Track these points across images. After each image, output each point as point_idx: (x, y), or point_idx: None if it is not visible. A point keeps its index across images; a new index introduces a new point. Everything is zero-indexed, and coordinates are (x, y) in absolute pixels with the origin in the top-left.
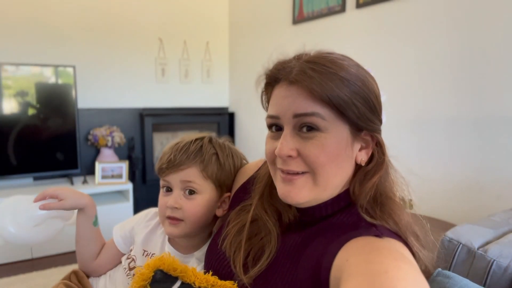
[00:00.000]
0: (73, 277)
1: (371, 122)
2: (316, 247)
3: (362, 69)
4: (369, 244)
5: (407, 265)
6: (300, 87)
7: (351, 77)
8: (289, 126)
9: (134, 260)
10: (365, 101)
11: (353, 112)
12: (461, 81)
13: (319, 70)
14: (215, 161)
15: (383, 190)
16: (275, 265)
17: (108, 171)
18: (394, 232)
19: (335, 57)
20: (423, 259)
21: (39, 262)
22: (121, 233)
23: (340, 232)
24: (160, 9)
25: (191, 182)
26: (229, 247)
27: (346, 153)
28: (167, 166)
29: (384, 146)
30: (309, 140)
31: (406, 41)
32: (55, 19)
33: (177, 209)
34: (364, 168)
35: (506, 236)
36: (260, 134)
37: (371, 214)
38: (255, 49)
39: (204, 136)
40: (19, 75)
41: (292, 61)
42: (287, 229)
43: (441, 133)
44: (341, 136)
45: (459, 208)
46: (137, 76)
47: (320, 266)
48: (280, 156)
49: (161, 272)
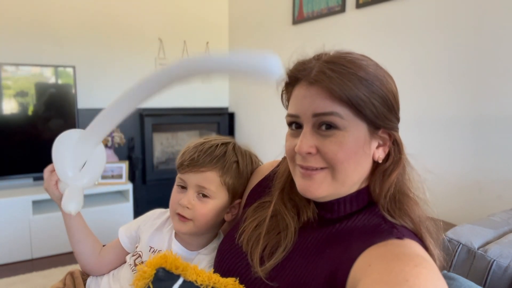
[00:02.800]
0: (68, 278)
1: (389, 121)
2: (337, 250)
3: (380, 68)
4: (390, 251)
5: (426, 270)
6: (320, 87)
7: (369, 77)
8: (308, 125)
9: (141, 256)
10: (383, 100)
11: (371, 111)
12: (460, 81)
13: (338, 71)
14: (235, 169)
15: (400, 187)
16: (290, 260)
17: (108, 171)
18: (412, 231)
19: (354, 57)
20: (436, 256)
21: (39, 262)
22: (126, 233)
23: (362, 235)
24: (160, 10)
25: (207, 189)
26: (246, 242)
27: (364, 150)
28: (189, 164)
29: (402, 144)
30: (328, 138)
31: (406, 41)
32: (55, 19)
33: (188, 208)
34: (382, 166)
35: (506, 236)
36: (260, 134)
37: (391, 213)
38: (255, 49)
39: (229, 141)
40: (19, 75)
41: (311, 61)
42: (306, 226)
43: (441, 133)
44: (359, 134)
45: (459, 208)
46: (137, 76)
47: (339, 268)
48: (300, 153)
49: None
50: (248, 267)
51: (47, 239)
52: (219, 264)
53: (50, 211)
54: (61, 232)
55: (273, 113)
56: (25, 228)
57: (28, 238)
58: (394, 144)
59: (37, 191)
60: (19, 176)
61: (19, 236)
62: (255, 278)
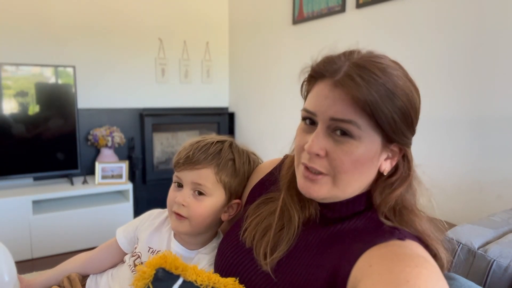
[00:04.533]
0: (65, 280)
1: (404, 136)
2: (338, 250)
3: (409, 81)
4: (392, 252)
5: (427, 270)
6: (344, 91)
7: (397, 91)
8: (323, 125)
9: (140, 257)
10: (404, 116)
11: (390, 126)
12: (460, 81)
13: (367, 79)
14: (230, 166)
15: (401, 201)
16: (292, 257)
17: (108, 171)
18: (415, 235)
19: (386, 65)
20: (442, 258)
21: (39, 262)
22: (124, 234)
23: (364, 236)
24: (160, 9)
25: (202, 185)
26: (249, 237)
27: (372, 162)
28: (184, 161)
29: (411, 161)
30: (340, 145)
31: (406, 41)
32: (55, 19)
33: (184, 206)
34: (387, 179)
35: (506, 236)
36: (260, 134)
37: (390, 220)
38: (255, 49)
39: (226, 139)
40: (19, 75)
41: (341, 58)
42: (309, 223)
43: (441, 133)
44: (371, 146)
45: (459, 208)
46: (137, 76)
47: (340, 268)
48: (309, 152)
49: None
50: (249, 265)
51: (47, 239)
52: (220, 262)
53: (50, 211)
54: (61, 232)
55: (273, 113)
56: (25, 228)
57: (28, 238)
58: (403, 159)
59: (37, 191)
60: (19, 176)
61: (19, 236)
62: (257, 275)
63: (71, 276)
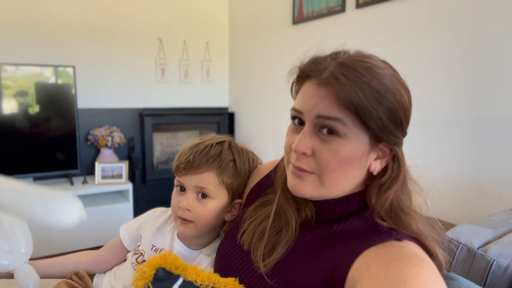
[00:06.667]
0: (74, 277)
1: (393, 136)
2: (335, 250)
3: (397, 79)
4: (389, 252)
5: (425, 270)
6: (328, 90)
7: (382, 88)
8: (310, 124)
9: (143, 255)
10: (391, 114)
11: (376, 124)
12: (460, 81)
13: (351, 77)
14: (232, 167)
15: (397, 203)
16: (289, 259)
17: (108, 171)
18: (412, 236)
19: (373, 64)
20: (440, 258)
21: None
22: (128, 231)
23: (361, 237)
24: (160, 9)
25: (205, 189)
26: (247, 240)
27: (360, 161)
28: (185, 166)
29: (402, 161)
30: (326, 144)
31: (406, 41)
32: (55, 19)
33: (189, 210)
34: (379, 180)
35: (506, 236)
36: (260, 134)
37: (386, 222)
38: (255, 49)
39: (225, 140)
40: (19, 75)
41: (327, 59)
42: (305, 225)
43: (441, 133)
44: (358, 145)
45: (459, 208)
46: (137, 76)
47: (337, 269)
48: (296, 151)
49: (163, 270)
50: (248, 267)
51: (47, 239)
52: (219, 264)
53: None
54: (60, 232)
55: (273, 113)
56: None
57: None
58: (394, 159)
59: None
60: (19, 176)
61: None
62: (254, 277)
63: (79, 273)
